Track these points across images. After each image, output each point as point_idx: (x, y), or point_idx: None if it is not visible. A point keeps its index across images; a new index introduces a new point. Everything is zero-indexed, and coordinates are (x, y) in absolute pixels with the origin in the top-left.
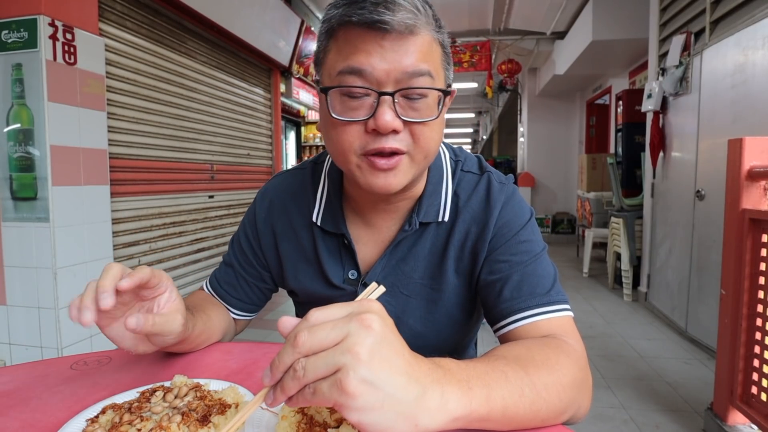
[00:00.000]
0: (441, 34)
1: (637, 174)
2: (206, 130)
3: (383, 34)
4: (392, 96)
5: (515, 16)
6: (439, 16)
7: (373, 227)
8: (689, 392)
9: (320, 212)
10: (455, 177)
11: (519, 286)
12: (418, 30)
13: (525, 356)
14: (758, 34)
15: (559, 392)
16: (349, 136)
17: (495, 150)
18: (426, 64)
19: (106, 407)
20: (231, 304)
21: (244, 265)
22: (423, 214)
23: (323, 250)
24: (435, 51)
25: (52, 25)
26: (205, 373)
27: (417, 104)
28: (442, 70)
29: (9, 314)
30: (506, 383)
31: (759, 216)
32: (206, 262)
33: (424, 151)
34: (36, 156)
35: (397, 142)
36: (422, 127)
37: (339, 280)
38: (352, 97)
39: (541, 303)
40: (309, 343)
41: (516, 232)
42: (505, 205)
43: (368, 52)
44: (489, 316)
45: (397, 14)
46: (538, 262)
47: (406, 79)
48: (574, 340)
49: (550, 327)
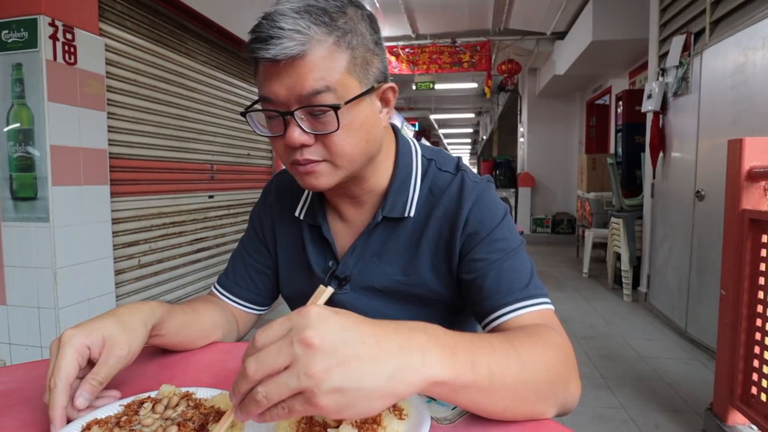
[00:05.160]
0: (349, 37)
1: (637, 174)
2: (206, 130)
3: (275, 64)
4: (292, 115)
5: (515, 16)
6: (355, 15)
7: (347, 220)
8: (689, 392)
9: (305, 207)
10: (427, 175)
11: (497, 282)
12: (307, 51)
13: (509, 334)
14: (758, 35)
15: (545, 363)
16: (278, 148)
17: (495, 150)
18: (321, 81)
19: (90, 423)
20: (237, 294)
21: (253, 253)
22: (388, 209)
23: (308, 242)
24: (337, 61)
25: (53, 25)
26: (203, 373)
27: (322, 118)
28: (351, 76)
29: (9, 314)
30: (492, 351)
31: (759, 216)
32: (206, 262)
33: (343, 156)
34: (36, 156)
35: (311, 153)
36: (332, 137)
37: (319, 270)
38: (270, 118)
39: (520, 298)
40: (260, 372)
41: (490, 231)
42: (477, 202)
43: (270, 82)
44: (475, 316)
45: (282, 45)
46: (514, 258)
47: (306, 99)
48: (556, 329)
49: (531, 320)
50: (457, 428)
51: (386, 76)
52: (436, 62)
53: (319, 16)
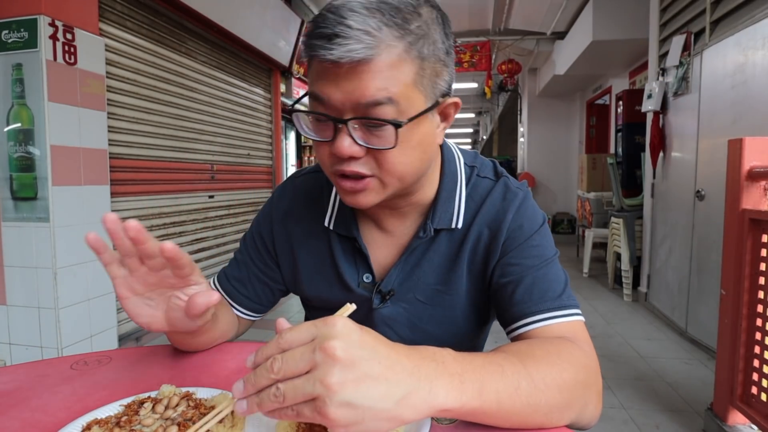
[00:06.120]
0: (421, 43)
1: (637, 174)
2: (206, 130)
3: (337, 65)
4: (345, 124)
5: (515, 16)
6: (430, 17)
7: (387, 231)
8: (689, 392)
9: (333, 216)
10: (470, 183)
11: (530, 289)
12: (374, 56)
13: (525, 351)
14: (758, 34)
15: (559, 385)
16: (322, 154)
17: (495, 150)
18: (384, 92)
19: (90, 423)
20: (237, 302)
21: (257, 262)
22: (437, 221)
23: (339, 254)
24: (404, 70)
25: (53, 25)
26: (203, 373)
27: (377, 132)
28: (416, 89)
29: (9, 314)
30: (502, 377)
31: (759, 216)
32: (206, 262)
33: (394, 174)
34: (36, 156)
35: (359, 166)
36: (386, 153)
37: (354, 284)
38: (317, 120)
39: (552, 307)
40: (283, 371)
41: (528, 236)
42: (519, 209)
43: (326, 82)
44: (501, 318)
45: (347, 46)
46: (549, 266)
47: (362, 109)
48: (583, 343)
49: (560, 331)
50: (458, 428)
51: (451, 89)
52: None
53: (393, 15)
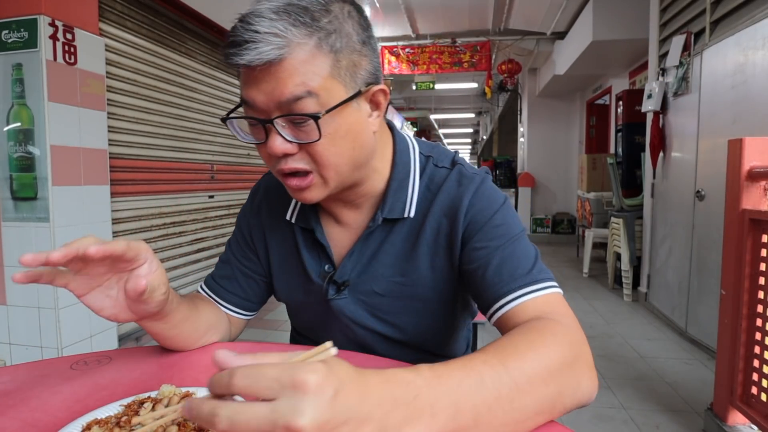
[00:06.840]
0: (333, 38)
1: (637, 174)
2: (206, 130)
3: (252, 69)
4: (272, 123)
5: (515, 16)
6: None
7: (343, 223)
8: (689, 392)
9: (296, 210)
10: (425, 173)
11: (499, 270)
12: (284, 55)
13: (507, 346)
14: (758, 35)
15: (544, 379)
16: (263, 156)
17: (495, 150)
18: (301, 87)
19: (90, 423)
20: (226, 299)
21: (240, 258)
22: (387, 210)
23: (302, 246)
24: (319, 64)
25: (53, 25)
26: (203, 373)
27: (303, 126)
28: (335, 80)
29: (9, 314)
30: (479, 390)
31: (759, 216)
32: (206, 262)
33: (329, 167)
34: (36, 156)
35: (296, 162)
36: (315, 146)
37: (315, 274)
38: (251, 124)
39: (524, 284)
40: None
41: (489, 218)
42: (476, 192)
43: (249, 86)
44: (480, 308)
45: (258, 49)
46: (516, 243)
47: (286, 106)
48: (562, 316)
49: (536, 306)
50: None
51: (377, 78)
52: (436, 62)
53: (299, 16)
